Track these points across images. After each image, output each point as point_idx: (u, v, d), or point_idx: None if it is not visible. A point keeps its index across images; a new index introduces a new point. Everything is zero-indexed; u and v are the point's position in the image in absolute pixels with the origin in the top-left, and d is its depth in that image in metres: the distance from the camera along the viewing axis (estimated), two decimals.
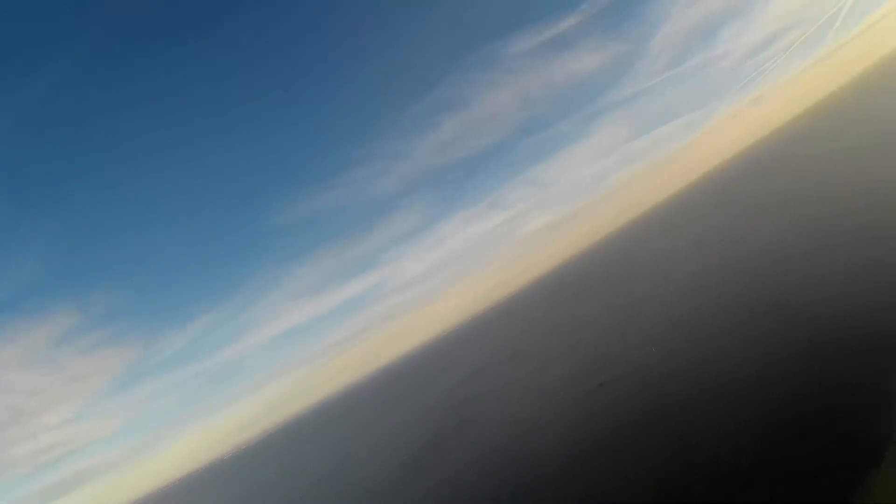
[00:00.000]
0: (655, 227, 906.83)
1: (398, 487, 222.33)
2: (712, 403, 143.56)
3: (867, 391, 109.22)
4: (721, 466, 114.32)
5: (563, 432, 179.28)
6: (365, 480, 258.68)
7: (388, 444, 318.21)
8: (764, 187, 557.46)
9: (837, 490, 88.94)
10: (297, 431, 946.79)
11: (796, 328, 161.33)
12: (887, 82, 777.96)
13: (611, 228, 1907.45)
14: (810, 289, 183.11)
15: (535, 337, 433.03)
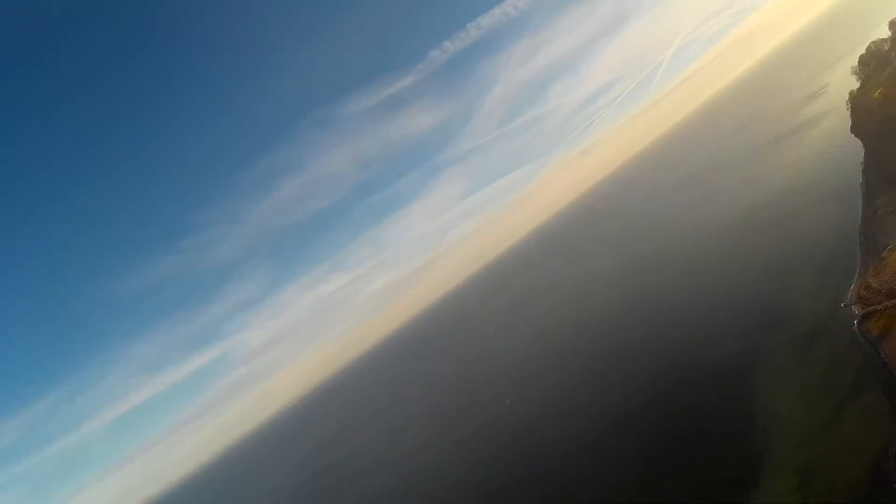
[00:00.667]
0: (496, 277, 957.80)
1: None
2: (570, 444, 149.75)
3: (721, 420, 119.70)
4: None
5: (427, 499, 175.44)
6: None
7: None
8: (596, 231, 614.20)
9: None
10: None
11: (636, 364, 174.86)
12: (700, 129, 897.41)
13: (453, 283, 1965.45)
14: (646, 327, 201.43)
15: (388, 397, 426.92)
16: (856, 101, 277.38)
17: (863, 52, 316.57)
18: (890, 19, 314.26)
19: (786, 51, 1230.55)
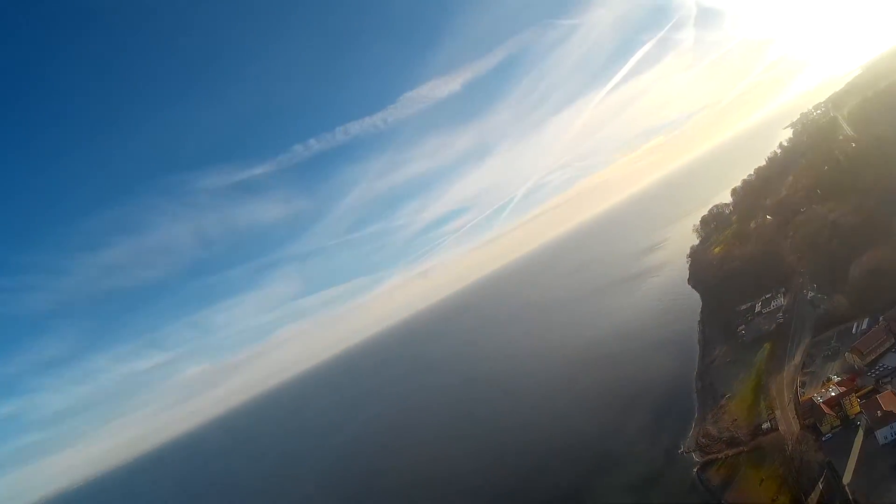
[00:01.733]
0: (313, 387, 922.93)
1: None
2: None
3: None
4: None
5: None
6: None
7: None
8: (426, 351, 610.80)
9: None
10: None
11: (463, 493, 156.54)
12: (540, 266, 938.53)
13: (269, 384, 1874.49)
14: (475, 452, 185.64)
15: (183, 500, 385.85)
16: (695, 255, 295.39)
17: (704, 213, 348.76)
18: (732, 187, 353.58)
19: (629, 205, 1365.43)
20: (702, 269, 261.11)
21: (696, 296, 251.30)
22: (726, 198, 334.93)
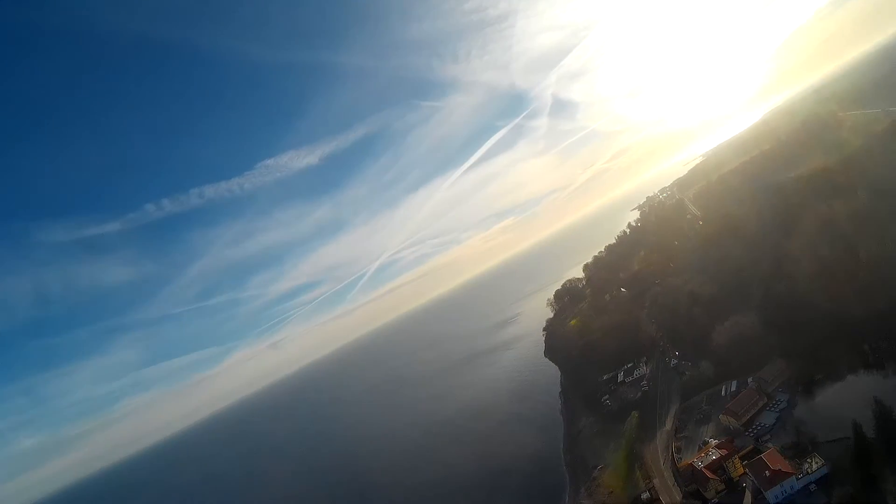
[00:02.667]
0: (160, 462, 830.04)
1: None
2: None
3: None
4: None
5: None
6: None
7: None
8: (268, 430, 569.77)
9: None
10: None
11: None
12: (392, 341, 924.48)
13: (110, 460, 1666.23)
14: None
15: None
16: (551, 328, 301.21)
17: (557, 287, 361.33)
18: (584, 263, 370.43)
19: (481, 282, 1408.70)
20: (559, 342, 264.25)
21: (555, 368, 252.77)
22: (578, 273, 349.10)
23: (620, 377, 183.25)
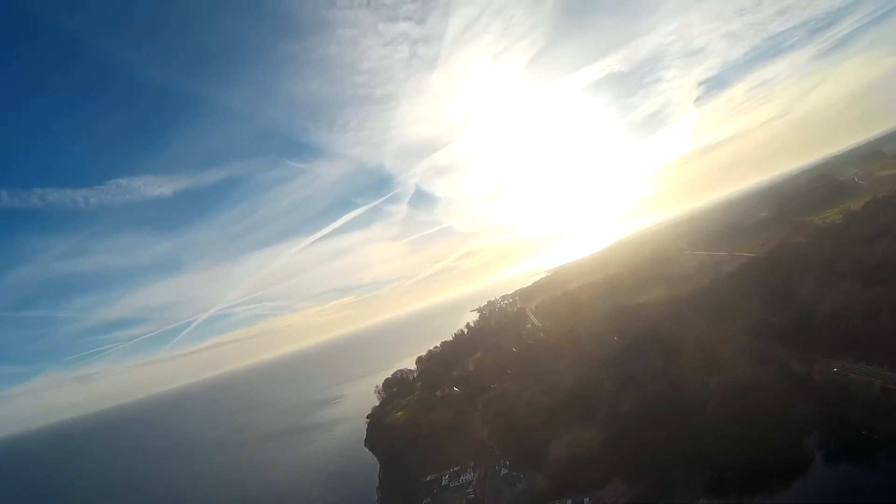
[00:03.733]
0: None
1: None
2: None
3: None
4: None
5: None
6: None
7: None
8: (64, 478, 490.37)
9: None
10: None
11: None
12: (202, 401, 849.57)
13: None
14: None
15: None
16: (375, 417, 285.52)
17: (387, 376, 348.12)
18: (418, 356, 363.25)
19: (310, 355, 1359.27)
20: (382, 433, 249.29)
21: (374, 460, 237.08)
22: (411, 364, 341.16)
23: (445, 480, 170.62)
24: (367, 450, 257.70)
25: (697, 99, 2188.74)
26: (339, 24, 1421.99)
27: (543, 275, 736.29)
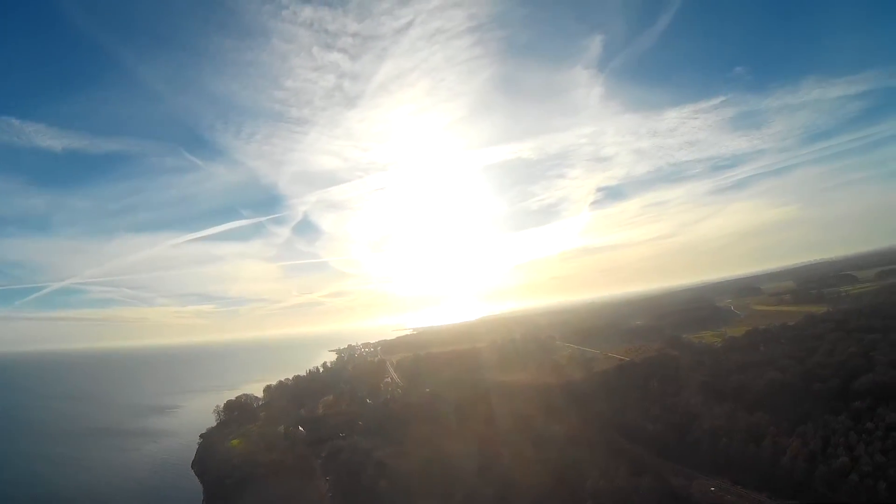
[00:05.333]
0: None
1: None
2: None
3: None
4: None
5: None
6: None
7: None
8: None
9: None
10: None
11: None
12: (30, 372, 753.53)
13: None
14: None
15: None
16: (209, 439, 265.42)
17: (231, 396, 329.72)
18: (267, 384, 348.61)
19: (156, 356, 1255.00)
20: (214, 459, 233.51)
21: (199, 486, 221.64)
22: (258, 391, 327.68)
23: None
24: (193, 473, 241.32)
25: (594, 202, 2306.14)
26: (277, 35, 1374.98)
27: (408, 332, 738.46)
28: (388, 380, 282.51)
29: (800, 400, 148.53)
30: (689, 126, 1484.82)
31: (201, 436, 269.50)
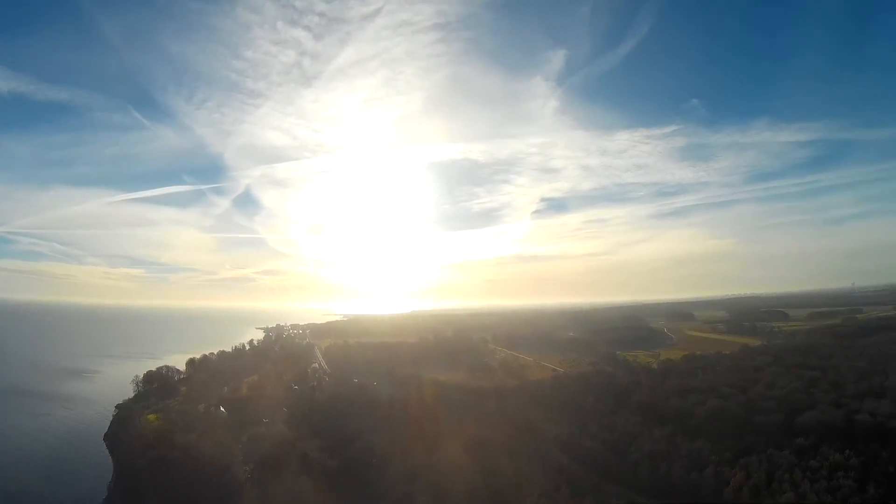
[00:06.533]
0: None
1: None
2: None
3: None
4: None
5: None
6: None
7: None
8: None
9: None
10: None
11: None
12: None
13: None
14: None
15: None
16: (124, 412, 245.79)
17: (151, 367, 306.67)
18: (190, 357, 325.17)
19: (78, 314, 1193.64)
20: (127, 434, 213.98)
21: (110, 462, 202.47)
22: (179, 363, 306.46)
23: None
24: (104, 445, 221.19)
25: (535, 211, 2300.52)
26: (243, 4, 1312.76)
27: (338, 318, 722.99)
28: (316, 366, 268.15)
29: (742, 431, 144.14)
30: (639, 150, 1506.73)
31: (117, 406, 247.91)
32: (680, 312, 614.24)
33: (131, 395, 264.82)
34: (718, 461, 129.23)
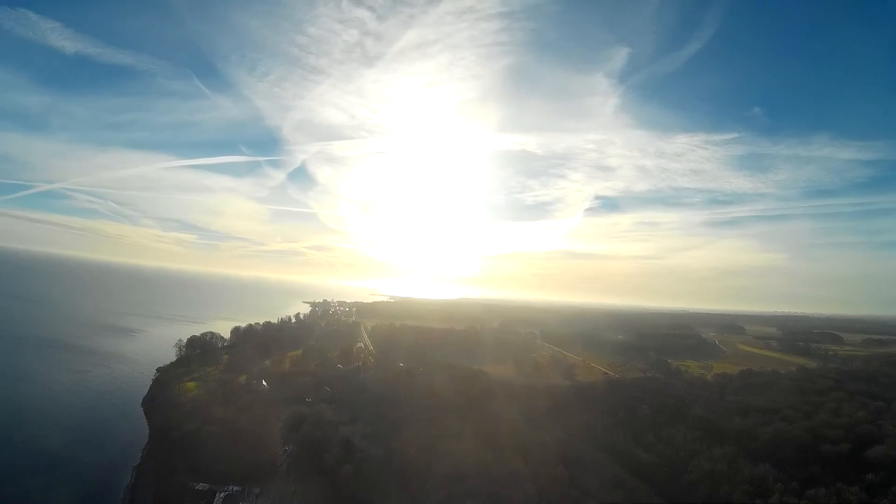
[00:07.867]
0: None
1: None
2: None
3: None
4: None
5: None
6: None
7: None
8: None
9: None
10: None
11: None
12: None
13: None
14: None
15: None
16: (163, 377, 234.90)
17: (196, 331, 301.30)
18: (235, 325, 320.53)
19: (132, 273, 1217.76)
20: (165, 400, 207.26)
21: (146, 427, 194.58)
22: (224, 330, 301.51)
23: (219, 499, 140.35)
24: (141, 411, 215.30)
25: (588, 209, 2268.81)
26: None
27: (385, 299, 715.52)
28: (361, 345, 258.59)
29: (807, 458, 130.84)
30: (697, 154, 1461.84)
31: (157, 370, 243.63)
32: (730, 325, 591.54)
33: (173, 358, 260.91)
34: (784, 490, 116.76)
